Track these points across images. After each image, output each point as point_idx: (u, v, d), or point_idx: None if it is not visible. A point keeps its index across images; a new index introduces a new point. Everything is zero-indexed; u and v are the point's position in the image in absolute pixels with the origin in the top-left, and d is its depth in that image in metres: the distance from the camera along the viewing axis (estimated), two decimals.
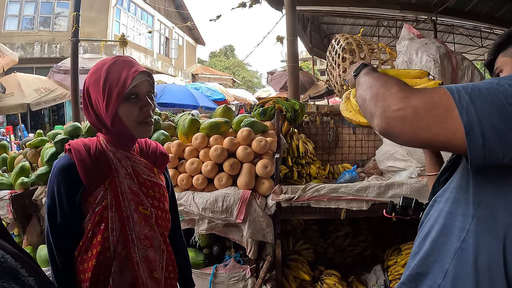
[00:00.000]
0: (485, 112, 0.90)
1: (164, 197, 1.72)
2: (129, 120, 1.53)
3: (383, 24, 11.66)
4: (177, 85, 14.47)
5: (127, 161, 1.61)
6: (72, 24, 7.12)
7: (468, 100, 0.92)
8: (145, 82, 1.57)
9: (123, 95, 1.48)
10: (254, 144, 3.10)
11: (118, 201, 1.54)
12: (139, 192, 1.61)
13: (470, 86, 0.96)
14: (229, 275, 3.07)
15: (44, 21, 18.88)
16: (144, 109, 1.54)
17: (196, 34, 32.32)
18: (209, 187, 3.11)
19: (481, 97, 0.92)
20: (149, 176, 1.67)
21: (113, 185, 1.54)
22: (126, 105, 1.51)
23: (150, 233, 1.61)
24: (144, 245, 1.58)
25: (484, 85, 0.95)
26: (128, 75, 1.50)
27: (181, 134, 3.31)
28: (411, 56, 3.63)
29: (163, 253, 1.67)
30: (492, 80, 0.97)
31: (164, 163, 1.83)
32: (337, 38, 4.89)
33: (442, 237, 1.11)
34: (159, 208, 1.67)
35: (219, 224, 2.99)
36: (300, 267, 3.40)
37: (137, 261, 1.55)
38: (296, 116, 3.60)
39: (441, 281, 1.08)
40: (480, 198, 1.03)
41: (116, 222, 1.53)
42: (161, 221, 1.68)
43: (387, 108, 1.02)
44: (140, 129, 1.56)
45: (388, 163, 3.72)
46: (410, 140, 1.01)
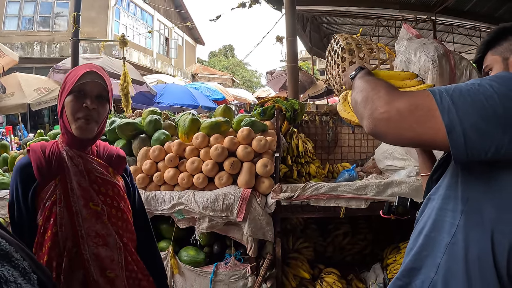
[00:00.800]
0: (465, 112, 0.96)
1: (119, 196, 1.74)
2: (69, 112, 1.60)
3: (383, 23, 11.67)
4: (177, 85, 14.48)
5: (79, 159, 1.66)
6: (72, 24, 7.14)
7: (450, 101, 0.98)
8: (97, 84, 1.64)
9: (71, 87, 1.57)
10: (254, 143, 3.13)
11: (67, 196, 1.59)
12: (90, 188, 1.64)
13: (452, 87, 1.02)
14: (230, 273, 3.09)
15: (43, 21, 18.86)
16: (84, 105, 1.59)
17: (196, 34, 32.29)
18: (210, 186, 3.14)
19: (461, 98, 0.98)
20: (101, 174, 1.70)
21: (62, 181, 1.60)
22: (70, 97, 1.60)
23: (103, 230, 1.63)
24: (95, 242, 1.60)
25: (466, 86, 1.01)
26: (80, 72, 1.60)
27: (182, 133, 3.33)
28: (409, 56, 3.65)
29: (121, 251, 1.67)
30: (474, 81, 1.02)
31: (120, 165, 1.86)
32: (336, 38, 4.91)
33: (433, 232, 1.16)
34: (112, 206, 1.70)
35: (220, 222, 3.02)
36: (300, 265, 3.41)
37: (87, 258, 1.57)
38: (296, 115, 3.62)
39: (433, 275, 1.13)
40: (468, 195, 1.08)
41: (65, 217, 1.57)
42: (115, 220, 1.70)
43: (374, 110, 1.09)
44: (75, 125, 1.61)
45: (387, 162, 3.74)
46: (396, 140, 1.09)
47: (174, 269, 3.20)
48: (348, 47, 4.65)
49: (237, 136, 3.22)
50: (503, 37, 1.37)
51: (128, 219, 1.78)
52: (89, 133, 1.64)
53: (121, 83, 7.19)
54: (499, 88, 0.97)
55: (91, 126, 1.63)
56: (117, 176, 1.80)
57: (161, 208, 3.13)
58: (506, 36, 1.37)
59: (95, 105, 1.62)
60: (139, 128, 3.57)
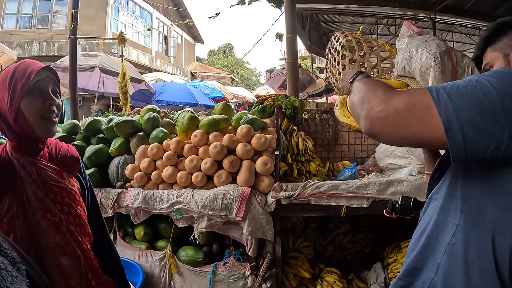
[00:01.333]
0: (463, 109, 0.93)
1: (75, 202, 1.67)
2: (32, 114, 1.49)
3: (382, 22, 11.64)
4: (176, 83, 14.44)
5: (32, 168, 1.56)
6: (70, 21, 7.09)
7: (447, 98, 0.96)
8: (50, 79, 1.57)
9: (26, 87, 1.47)
10: (253, 141, 3.09)
11: (24, 210, 1.49)
12: (46, 198, 1.55)
13: (449, 85, 1.00)
14: (229, 273, 3.06)
15: (42, 19, 18.80)
16: (48, 103, 1.52)
17: (195, 32, 32.25)
18: (209, 185, 3.10)
19: (458, 95, 0.96)
20: (56, 182, 1.61)
21: (18, 194, 1.50)
22: (29, 98, 1.48)
23: (63, 240, 1.57)
24: (56, 253, 1.53)
25: (463, 83, 0.98)
26: (33, 69, 1.51)
27: (180, 131, 3.29)
28: (411, 53, 3.61)
29: (80, 260, 1.62)
30: (472, 77, 1.00)
31: (74, 167, 1.78)
32: (336, 35, 4.86)
33: (435, 232, 1.15)
34: (70, 214, 1.62)
35: (219, 221, 2.98)
36: (300, 265, 3.39)
37: (50, 270, 1.50)
38: (296, 113, 3.59)
39: (434, 275, 1.12)
40: (467, 194, 1.07)
41: (24, 231, 1.48)
42: (74, 227, 1.63)
43: (371, 109, 1.07)
44: (42, 126, 1.52)
45: (388, 160, 3.71)
46: (393, 139, 1.07)
47: (173, 269, 3.17)
48: (348, 44, 4.61)
49: (236, 134, 3.18)
50: (502, 32, 1.33)
51: (85, 223, 1.71)
52: (54, 131, 1.59)
53: (119, 81, 7.16)
54: (498, 83, 0.94)
55: (56, 124, 1.58)
56: (71, 180, 1.72)
57: (159, 207, 3.09)
58: (506, 32, 1.33)
59: (54, 100, 1.56)
60: (137, 126, 3.53)
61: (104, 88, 10.92)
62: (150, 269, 3.25)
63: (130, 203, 3.15)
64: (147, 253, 3.29)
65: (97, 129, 3.71)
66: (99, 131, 3.71)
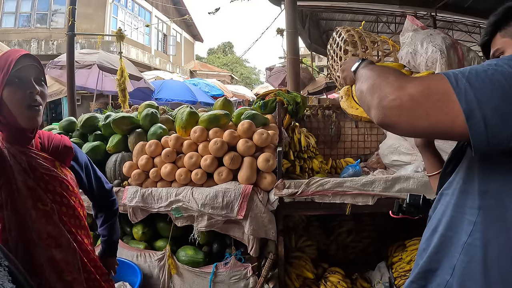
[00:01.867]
0: (484, 94, 0.85)
1: (68, 192, 1.64)
2: (14, 104, 1.46)
3: (382, 20, 11.62)
4: (175, 81, 14.47)
5: (22, 157, 1.54)
6: (68, 18, 7.02)
7: (466, 84, 0.87)
8: (32, 67, 1.52)
9: (6, 78, 1.43)
10: (255, 137, 3.00)
11: (13, 198, 1.47)
12: (36, 187, 1.53)
13: (467, 69, 0.90)
14: (230, 274, 2.99)
15: (41, 18, 18.84)
16: (29, 92, 1.48)
17: (194, 31, 32.28)
18: (209, 182, 3.02)
19: (478, 79, 0.86)
20: (47, 170, 1.58)
21: (6, 183, 1.47)
22: (9, 88, 1.45)
23: (55, 231, 1.54)
24: (47, 244, 1.51)
25: (482, 67, 0.89)
26: (13, 59, 1.46)
27: (179, 127, 3.22)
28: (416, 47, 3.55)
29: (75, 252, 1.59)
30: (491, 61, 0.91)
31: (67, 156, 1.75)
32: (338, 30, 4.79)
33: (450, 232, 1.08)
34: (62, 204, 1.60)
35: (219, 220, 2.90)
36: (303, 265, 3.32)
37: (41, 263, 1.47)
38: (298, 109, 3.51)
39: (449, 277, 1.06)
40: (486, 188, 0.99)
41: (13, 221, 1.46)
42: (67, 218, 1.61)
43: (383, 98, 0.96)
44: (25, 116, 1.48)
45: (392, 157, 3.64)
46: (409, 130, 0.96)
47: (172, 269, 3.10)
48: (350, 39, 4.54)
49: (237, 130, 3.10)
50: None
51: (80, 215, 1.69)
52: (40, 121, 1.54)
53: (118, 78, 7.08)
54: None
55: (40, 113, 1.54)
56: (64, 170, 1.69)
57: (158, 206, 3.02)
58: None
59: (35, 88, 1.50)
60: (135, 122, 3.46)
61: (103, 86, 10.87)
62: (148, 270, 3.18)
63: (127, 202, 3.07)
64: (146, 253, 3.22)
65: (94, 126, 3.63)
66: (96, 128, 3.64)
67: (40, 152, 1.61)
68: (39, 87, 1.52)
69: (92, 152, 3.34)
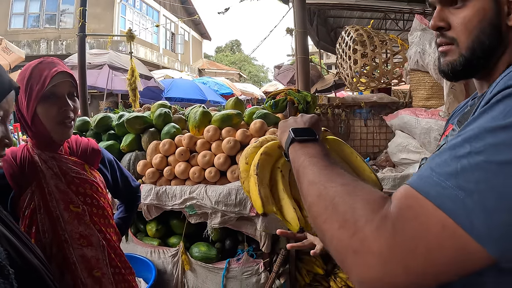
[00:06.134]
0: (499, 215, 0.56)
1: (97, 193, 1.71)
2: (48, 120, 1.53)
3: (390, 17, 11.55)
4: (185, 80, 14.48)
5: (53, 162, 1.60)
6: (79, 19, 7.10)
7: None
8: (66, 83, 1.56)
9: (41, 94, 1.48)
10: None
11: (46, 202, 1.53)
12: (68, 190, 1.59)
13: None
14: (242, 270, 3.04)
15: (49, 18, 18.93)
16: (62, 110, 1.54)
17: (202, 29, 32.28)
18: (222, 180, 3.07)
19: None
20: (77, 174, 1.65)
21: (39, 187, 1.53)
22: (44, 104, 1.51)
23: (86, 231, 1.60)
24: (79, 244, 1.57)
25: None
26: (48, 74, 1.50)
27: (193, 126, 3.27)
28: (424, 47, 3.58)
29: (104, 249, 1.65)
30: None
31: (95, 159, 1.81)
32: (347, 30, 4.83)
33: None
34: (92, 205, 1.66)
35: (232, 217, 2.95)
36: (314, 261, 3.35)
37: (74, 261, 1.53)
38: (308, 108, 3.55)
39: None
40: None
41: (46, 223, 1.52)
42: (97, 218, 1.67)
43: (362, 274, 0.63)
44: (58, 131, 1.56)
45: (401, 155, 3.67)
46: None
47: (186, 265, 3.15)
48: (359, 38, 4.57)
49: (249, 129, 3.15)
50: None
51: (109, 214, 1.76)
52: (71, 133, 1.63)
53: (128, 78, 7.14)
54: None
55: (72, 127, 1.61)
56: (93, 172, 1.77)
57: (172, 203, 3.08)
58: None
59: (69, 105, 1.56)
60: (149, 122, 3.51)
61: (113, 86, 10.94)
62: (162, 266, 3.23)
63: (142, 200, 3.12)
64: (159, 249, 3.28)
65: (108, 126, 3.69)
66: (110, 128, 3.69)
67: (69, 157, 1.67)
68: (72, 102, 1.58)
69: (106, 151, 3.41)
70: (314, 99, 3.66)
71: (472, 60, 0.88)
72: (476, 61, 0.88)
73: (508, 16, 0.84)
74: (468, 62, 0.89)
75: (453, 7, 0.89)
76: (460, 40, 0.89)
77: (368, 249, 0.62)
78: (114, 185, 1.97)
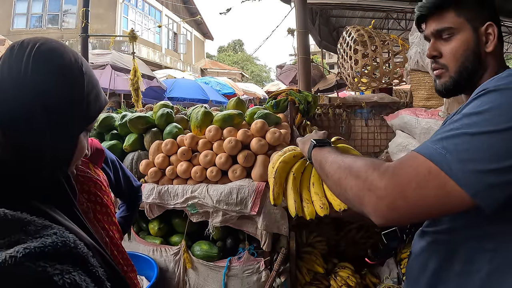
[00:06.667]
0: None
1: (101, 191, 1.73)
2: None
3: (392, 16, 11.55)
4: (187, 80, 14.51)
5: None
6: (81, 20, 7.14)
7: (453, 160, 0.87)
8: None
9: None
10: (268, 136, 3.08)
11: None
12: None
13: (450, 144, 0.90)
14: (243, 268, 3.06)
15: (52, 18, 19.03)
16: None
17: (204, 29, 32.31)
18: (223, 179, 3.11)
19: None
20: (82, 172, 1.66)
21: None
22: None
23: (91, 228, 1.62)
24: None
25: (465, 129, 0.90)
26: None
27: (194, 126, 3.30)
28: (424, 47, 3.59)
29: (107, 246, 1.67)
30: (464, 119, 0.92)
31: (99, 158, 1.84)
32: (348, 30, 4.85)
33: None
34: (96, 203, 1.68)
35: (234, 216, 2.98)
36: (314, 260, 3.38)
37: None
38: (309, 108, 3.58)
39: None
40: None
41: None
42: (101, 215, 1.69)
43: (376, 206, 0.93)
44: None
45: (401, 155, 3.65)
46: (415, 220, 1.10)
47: (187, 263, 3.19)
48: (360, 38, 4.59)
49: (250, 129, 3.18)
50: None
51: (112, 212, 1.79)
52: None
53: (131, 78, 7.17)
54: None
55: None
56: (97, 171, 1.79)
57: (174, 202, 3.11)
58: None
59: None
60: (151, 122, 3.55)
61: (115, 86, 10.99)
62: (164, 264, 3.27)
63: (144, 199, 3.16)
64: (162, 248, 3.31)
65: (111, 126, 3.72)
66: (113, 128, 3.73)
67: None
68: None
69: (109, 151, 3.43)
70: (315, 99, 3.68)
71: (460, 81, 1.20)
72: (463, 81, 1.20)
73: (486, 44, 1.16)
74: (456, 82, 1.21)
75: (444, 40, 1.21)
76: (450, 66, 1.20)
77: (376, 186, 0.92)
78: (116, 185, 2.00)
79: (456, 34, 1.18)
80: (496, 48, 1.17)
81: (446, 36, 1.20)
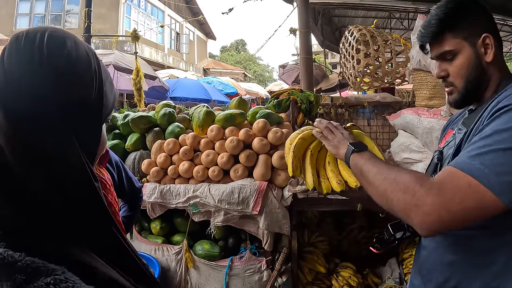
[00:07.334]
0: None
1: (105, 190, 1.68)
2: None
3: (395, 16, 11.54)
4: (189, 79, 14.51)
5: None
6: (84, 20, 7.16)
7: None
8: None
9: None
10: (270, 136, 3.08)
11: None
12: None
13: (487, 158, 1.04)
14: (245, 267, 3.06)
15: (54, 18, 19.07)
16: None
17: (207, 29, 32.33)
18: (225, 179, 3.11)
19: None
20: None
21: None
22: None
23: None
24: None
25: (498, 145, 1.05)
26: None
27: (196, 126, 3.30)
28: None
29: None
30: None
31: (104, 158, 1.79)
32: (350, 29, 4.84)
33: None
34: None
35: (235, 215, 2.99)
36: (316, 260, 3.38)
37: None
38: (311, 107, 3.57)
39: None
40: None
41: None
42: None
43: (423, 220, 1.06)
44: None
45: (403, 154, 3.68)
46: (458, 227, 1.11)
47: (189, 263, 3.19)
48: (362, 38, 4.58)
49: (252, 128, 3.18)
50: (462, 14, 1.30)
51: (116, 211, 1.77)
52: None
53: (133, 77, 7.17)
54: None
55: None
56: (102, 170, 1.78)
57: (176, 202, 3.11)
58: (466, 14, 1.30)
59: None
60: (153, 121, 3.55)
61: (118, 85, 10.99)
62: (166, 263, 3.27)
63: (146, 198, 3.17)
64: (163, 247, 3.31)
65: (113, 125, 3.73)
66: (115, 127, 3.74)
67: None
68: None
69: (112, 150, 3.43)
70: (317, 99, 3.67)
71: (468, 95, 1.34)
72: (471, 94, 1.34)
73: (485, 54, 1.28)
74: (465, 96, 1.35)
75: (449, 60, 1.33)
76: (457, 83, 1.34)
77: (424, 202, 1.04)
78: (119, 186, 2.00)
79: (457, 54, 1.30)
80: (496, 57, 1.29)
81: (449, 57, 1.32)
